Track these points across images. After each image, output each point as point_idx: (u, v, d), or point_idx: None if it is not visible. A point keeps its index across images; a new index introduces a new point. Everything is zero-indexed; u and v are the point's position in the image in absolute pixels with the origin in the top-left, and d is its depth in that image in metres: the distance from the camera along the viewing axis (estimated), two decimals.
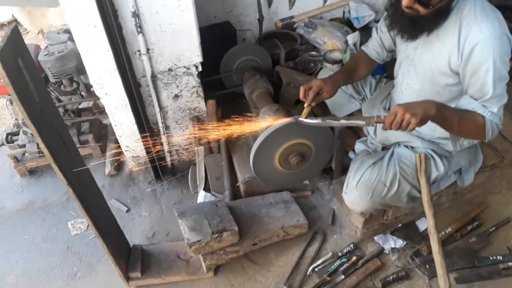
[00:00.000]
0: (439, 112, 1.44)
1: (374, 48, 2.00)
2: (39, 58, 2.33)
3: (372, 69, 2.05)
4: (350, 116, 2.21)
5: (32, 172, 2.70)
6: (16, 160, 2.60)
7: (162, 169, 2.48)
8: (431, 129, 1.78)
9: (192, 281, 1.99)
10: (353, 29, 3.12)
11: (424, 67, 1.68)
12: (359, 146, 2.09)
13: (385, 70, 2.62)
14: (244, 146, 2.45)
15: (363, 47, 2.05)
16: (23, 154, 2.62)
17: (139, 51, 1.97)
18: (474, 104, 1.54)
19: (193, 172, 2.51)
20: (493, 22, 1.45)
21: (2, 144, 2.62)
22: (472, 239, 2.04)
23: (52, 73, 2.36)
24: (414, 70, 1.75)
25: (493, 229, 2.08)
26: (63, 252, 2.22)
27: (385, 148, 2.02)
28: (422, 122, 1.42)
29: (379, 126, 2.02)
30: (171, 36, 1.97)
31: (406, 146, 1.88)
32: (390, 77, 2.22)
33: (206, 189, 2.33)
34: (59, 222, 2.39)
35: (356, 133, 2.26)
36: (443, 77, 1.63)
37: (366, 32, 3.12)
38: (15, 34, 1.25)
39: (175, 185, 2.52)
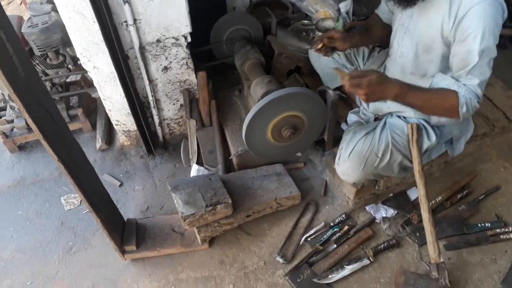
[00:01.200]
0: (399, 97, 1.51)
1: (382, 12, 2.00)
2: (22, 30, 2.25)
3: (389, 30, 1.95)
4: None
5: (22, 147, 2.66)
6: (5, 136, 2.56)
7: (154, 143, 2.46)
8: None
9: (187, 253, 2.02)
10: None
11: (419, 35, 1.66)
12: (351, 117, 2.09)
13: None
14: (236, 119, 2.43)
15: (376, 10, 2.05)
16: (12, 129, 2.57)
17: (126, 21, 1.91)
18: (448, 81, 1.52)
19: (185, 146, 2.50)
20: None
21: None
22: (462, 207, 2.08)
23: (37, 46, 2.28)
24: (409, 38, 1.73)
25: (482, 197, 2.12)
26: (57, 227, 2.22)
27: (377, 119, 2.02)
28: (369, 101, 1.61)
29: None
30: (158, 6, 1.91)
31: (399, 117, 1.88)
32: (383, 46, 2.19)
33: (199, 162, 2.32)
34: (52, 198, 2.38)
35: (349, 104, 2.25)
36: (436, 45, 1.61)
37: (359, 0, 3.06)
38: None
39: (168, 159, 2.51)
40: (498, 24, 1.44)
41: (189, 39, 2.11)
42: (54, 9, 2.32)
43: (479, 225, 2.00)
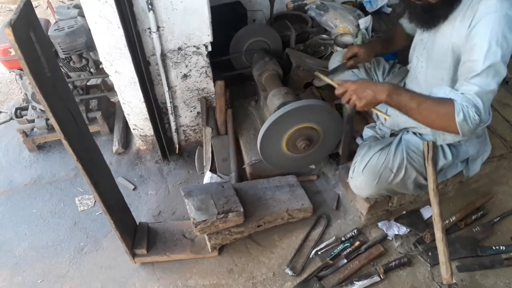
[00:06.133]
0: (391, 97, 1.47)
1: (405, 22, 2.01)
2: (49, 33, 2.32)
3: (411, 41, 1.94)
4: None
5: (40, 147, 2.72)
6: (25, 134, 2.62)
7: (169, 148, 2.49)
8: None
9: (197, 260, 2.02)
10: (366, 13, 3.08)
11: (436, 50, 1.66)
12: (367, 131, 2.08)
13: (396, 57, 2.60)
14: (251, 129, 2.45)
15: (400, 20, 2.08)
16: (32, 129, 2.64)
17: (149, 28, 1.95)
18: (445, 89, 1.46)
19: (200, 153, 2.52)
20: (502, 1, 1.38)
21: (11, 119, 2.63)
22: (476, 229, 2.04)
23: (61, 49, 2.35)
24: (427, 54, 1.73)
25: (497, 219, 2.08)
26: (70, 227, 2.25)
27: (393, 134, 2.02)
28: (368, 106, 1.52)
29: (390, 109, 2.00)
30: (182, 14, 1.95)
31: (415, 133, 1.88)
32: (402, 63, 2.20)
33: (213, 170, 2.34)
34: (67, 198, 2.42)
35: (365, 118, 2.25)
36: (448, 61, 1.60)
37: (378, 16, 3.08)
38: (28, 7, 1.24)
39: (182, 165, 2.53)
40: (508, 38, 1.37)
41: (209, 48, 2.14)
42: (80, 14, 2.39)
43: (494, 247, 1.96)
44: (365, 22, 2.90)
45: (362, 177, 1.84)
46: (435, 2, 1.47)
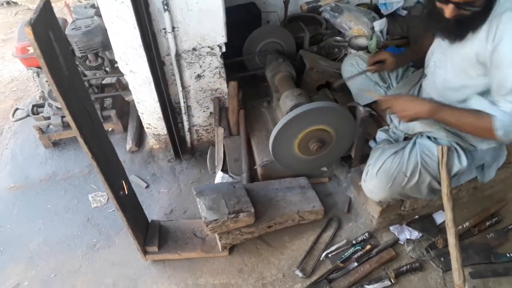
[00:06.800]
0: (433, 115, 1.59)
1: None
2: (66, 32, 2.36)
3: None
4: (374, 103, 2.19)
5: (55, 144, 2.77)
6: (41, 131, 2.67)
7: (181, 148, 2.51)
8: None
9: (207, 259, 2.04)
10: (381, 15, 3.06)
11: (456, 56, 1.64)
12: (380, 135, 2.07)
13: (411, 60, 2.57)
14: (263, 129, 2.45)
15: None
16: (48, 126, 2.68)
17: (164, 29, 1.97)
18: (484, 103, 1.51)
19: (212, 153, 2.53)
20: None
21: (28, 116, 2.68)
22: (490, 235, 2.02)
23: (78, 48, 2.39)
24: (445, 60, 1.71)
25: None
26: (83, 223, 2.29)
27: (407, 138, 2.00)
28: (411, 121, 1.68)
29: None
30: (197, 15, 1.97)
31: (429, 137, 1.85)
32: (416, 67, 2.18)
33: (224, 170, 2.35)
34: (80, 194, 2.45)
35: (379, 121, 2.23)
36: (472, 67, 1.58)
37: (393, 18, 3.07)
38: (47, 6, 1.26)
39: (194, 164, 2.55)
40: None
41: (223, 49, 2.15)
42: (97, 14, 2.42)
43: (508, 255, 1.93)
44: (380, 24, 2.89)
45: (375, 180, 1.83)
46: (469, 14, 1.45)
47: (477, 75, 1.59)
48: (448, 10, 1.46)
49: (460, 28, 1.53)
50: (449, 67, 1.69)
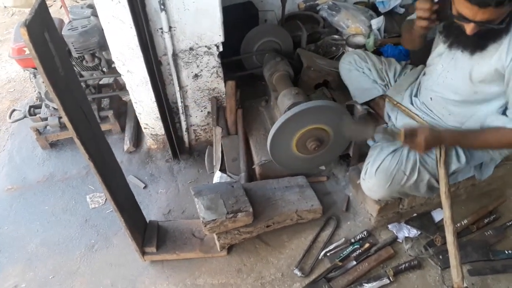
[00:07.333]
0: (454, 144, 1.68)
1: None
2: (62, 33, 2.34)
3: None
4: (372, 101, 2.19)
5: (53, 145, 2.75)
6: (38, 132, 2.66)
7: (179, 148, 2.50)
8: (459, 123, 1.77)
9: (206, 259, 2.03)
10: (378, 14, 3.05)
11: (467, 64, 1.62)
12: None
13: (409, 57, 2.57)
14: (261, 129, 2.45)
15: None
16: (45, 127, 2.67)
17: (161, 28, 1.96)
18: (502, 119, 1.57)
19: (209, 153, 2.53)
20: None
21: (25, 117, 2.67)
22: (488, 232, 2.02)
23: (75, 48, 2.37)
24: (455, 65, 1.69)
25: (510, 223, 2.06)
26: (81, 224, 2.28)
27: None
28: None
29: (400, 113, 2.00)
30: (193, 15, 1.96)
31: None
32: (414, 64, 2.18)
33: (222, 169, 2.35)
34: (78, 195, 2.44)
35: (376, 119, 2.23)
36: (489, 77, 1.58)
37: (391, 16, 3.06)
38: (43, 7, 1.26)
39: (192, 164, 2.54)
40: None
41: (221, 49, 2.15)
42: (94, 14, 2.41)
43: (506, 252, 1.94)
44: (377, 22, 2.88)
45: (374, 179, 1.83)
46: (495, 26, 1.42)
47: (491, 84, 1.60)
48: (469, 28, 1.44)
49: (482, 39, 1.50)
50: (458, 73, 1.68)
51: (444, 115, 1.81)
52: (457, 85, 1.71)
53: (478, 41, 1.52)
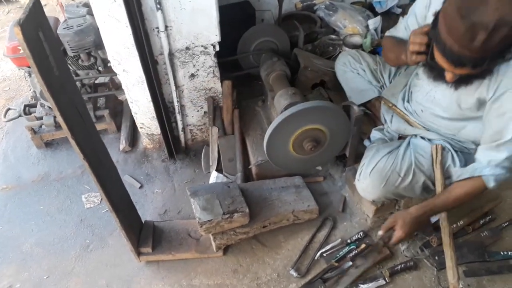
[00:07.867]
0: (432, 216, 1.74)
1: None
2: (58, 31, 2.33)
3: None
4: (368, 103, 2.19)
5: (48, 144, 2.74)
6: (33, 131, 2.64)
7: (175, 147, 2.49)
8: (452, 133, 1.79)
9: (201, 259, 2.03)
10: (375, 14, 3.05)
11: (454, 94, 1.62)
12: (375, 134, 2.06)
13: None
14: (258, 129, 2.44)
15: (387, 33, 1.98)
16: (40, 126, 2.65)
17: (157, 28, 1.95)
18: (469, 169, 1.60)
19: (206, 152, 2.52)
20: None
21: (20, 116, 2.65)
22: (484, 233, 2.02)
23: (70, 47, 2.36)
24: (442, 93, 1.69)
25: (506, 224, 2.06)
26: (77, 224, 2.27)
27: (401, 137, 2.00)
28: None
29: (395, 116, 2.00)
30: (190, 14, 1.95)
31: (423, 138, 1.85)
32: None
33: (219, 170, 2.34)
34: (73, 195, 2.43)
35: (373, 120, 2.23)
36: (472, 105, 1.59)
37: (388, 17, 3.06)
38: (37, 6, 1.25)
39: (188, 164, 2.53)
40: None
41: (217, 48, 2.14)
42: (89, 13, 2.40)
43: (502, 253, 1.94)
44: (374, 22, 2.88)
45: (369, 180, 1.83)
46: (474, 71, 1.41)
47: (479, 110, 1.60)
48: (449, 76, 1.47)
49: (466, 78, 1.48)
50: (447, 100, 1.68)
51: (436, 124, 1.81)
52: (445, 106, 1.71)
53: (461, 79, 1.49)
